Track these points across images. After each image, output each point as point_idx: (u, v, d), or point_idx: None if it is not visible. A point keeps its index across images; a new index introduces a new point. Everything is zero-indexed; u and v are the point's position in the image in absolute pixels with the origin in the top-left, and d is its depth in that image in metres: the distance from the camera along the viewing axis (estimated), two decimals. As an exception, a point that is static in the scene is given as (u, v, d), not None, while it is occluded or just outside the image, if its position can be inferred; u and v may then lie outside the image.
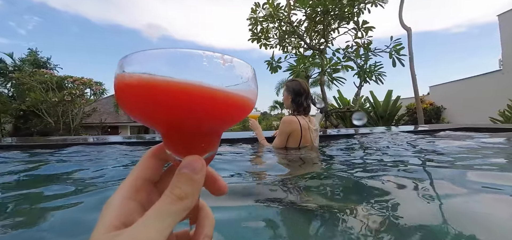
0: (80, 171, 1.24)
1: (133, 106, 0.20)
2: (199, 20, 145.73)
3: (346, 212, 0.66)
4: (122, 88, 0.19)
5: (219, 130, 0.23)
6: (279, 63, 5.93)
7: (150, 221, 0.17)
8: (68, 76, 9.55)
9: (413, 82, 8.19)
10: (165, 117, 0.19)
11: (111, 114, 13.71)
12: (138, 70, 0.18)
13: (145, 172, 0.22)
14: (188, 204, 0.19)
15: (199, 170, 0.20)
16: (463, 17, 56.57)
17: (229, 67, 0.19)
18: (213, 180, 0.24)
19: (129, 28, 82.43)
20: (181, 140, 0.21)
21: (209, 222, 0.24)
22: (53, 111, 9.30)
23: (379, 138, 2.45)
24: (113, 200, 0.20)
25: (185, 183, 0.19)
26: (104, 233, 0.17)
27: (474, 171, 1.05)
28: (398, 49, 5.20)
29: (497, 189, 0.82)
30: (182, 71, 0.18)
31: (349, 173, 1.14)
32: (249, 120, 2.06)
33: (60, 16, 48.56)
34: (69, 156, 1.76)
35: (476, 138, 2.00)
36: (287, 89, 1.86)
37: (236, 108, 0.20)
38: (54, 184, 1.04)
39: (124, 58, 0.19)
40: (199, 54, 0.18)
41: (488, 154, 1.41)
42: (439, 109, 10.11)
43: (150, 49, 0.18)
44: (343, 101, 8.99)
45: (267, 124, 20.28)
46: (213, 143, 0.23)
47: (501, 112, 6.18)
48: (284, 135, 1.73)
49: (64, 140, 2.72)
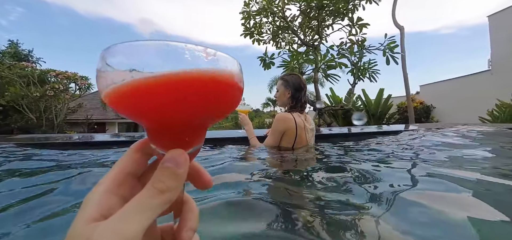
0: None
1: (116, 103, 0.19)
2: (193, 17, 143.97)
3: (347, 227, 0.54)
4: (104, 84, 0.18)
5: (204, 123, 0.22)
6: (272, 60, 5.79)
7: (130, 213, 0.17)
8: (50, 70, 9.06)
9: (405, 81, 8.26)
10: (149, 113, 0.19)
11: (98, 110, 13.19)
12: (120, 63, 0.18)
13: (129, 166, 0.22)
14: (170, 198, 0.19)
15: (182, 164, 0.20)
16: (452, 19, 58.14)
17: (212, 60, 0.19)
18: (198, 175, 0.24)
19: (121, 23, 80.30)
20: (165, 134, 0.21)
21: (193, 216, 0.23)
22: (34, 106, 8.84)
23: (387, 138, 2.36)
24: (93, 194, 0.19)
25: (168, 177, 0.19)
26: (83, 225, 0.17)
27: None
28: (392, 47, 5.16)
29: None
30: (165, 64, 0.17)
31: (348, 176, 1.01)
32: (238, 115, 1.87)
33: (47, 8, 46.66)
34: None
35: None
36: (285, 83, 1.67)
37: (221, 96, 0.20)
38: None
39: (106, 50, 0.18)
40: (182, 47, 0.18)
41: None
42: (429, 108, 10.27)
43: (132, 41, 0.18)
44: (335, 99, 8.98)
45: (260, 121, 20.16)
46: (198, 137, 0.22)
47: (490, 112, 6.28)
48: (277, 133, 1.58)
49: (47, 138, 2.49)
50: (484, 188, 0.83)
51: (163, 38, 0.20)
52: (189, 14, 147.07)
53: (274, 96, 1.79)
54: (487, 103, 6.49)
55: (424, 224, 0.57)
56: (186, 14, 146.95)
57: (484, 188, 0.83)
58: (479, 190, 0.80)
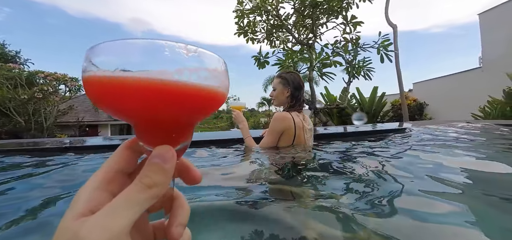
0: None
1: (102, 101, 0.19)
2: (186, 16, 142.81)
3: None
4: (90, 84, 0.19)
5: (191, 121, 0.23)
6: (266, 59, 5.73)
7: (117, 208, 0.18)
8: (39, 71, 8.79)
9: (399, 79, 8.33)
10: (132, 111, 0.19)
11: (90, 112, 12.89)
12: (105, 62, 0.18)
13: (119, 164, 0.22)
14: (157, 193, 0.19)
15: (169, 159, 0.20)
16: (442, 18, 59.22)
17: (193, 57, 0.19)
18: (187, 170, 0.24)
19: (111, 22, 79.02)
20: (152, 131, 0.21)
21: (183, 211, 0.24)
22: (23, 109, 8.57)
23: (386, 137, 2.32)
24: (83, 190, 0.19)
25: (155, 172, 0.19)
26: (71, 221, 0.17)
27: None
28: (386, 45, 5.16)
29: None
30: (149, 62, 0.18)
31: (349, 179, 0.96)
32: (232, 112, 1.69)
33: (35, 8, 45.49)
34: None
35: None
36: (284, 81, 1.57)
37: (203, 98, 0.20)
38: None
39: (90, 49, 0.19)
40: (162, 44, 0.18)
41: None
42: (422, 105, 10.38)
43: (116, 40, 0.18)
44: (330, 98, 8.98)
45: (255, 120, 20.06)
46: (185, 134, 0.23)
47: (482, 108, 6.37)
48: (275, 134, 1.49)
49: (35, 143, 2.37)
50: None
51: (155, 38, 0.18)
52: (183, 13, 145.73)
53: (270, 95, 1.69)
54: (478, 100, 6.58)
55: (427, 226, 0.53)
56: (180, 13, 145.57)
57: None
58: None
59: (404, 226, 0.55)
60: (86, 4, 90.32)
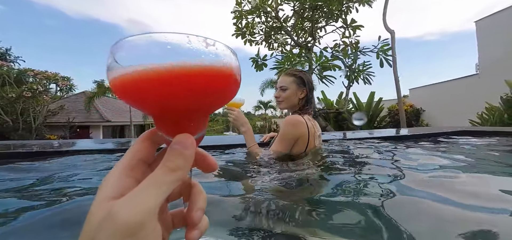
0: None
1: (126, 97, 0.21)
2: (184, 18, 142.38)
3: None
4: (113, 80, 0.20)
5: (207, 109, 0.24)
6: (264, 61, 5.61)
7: (148, 188, 0.19)
8: (28, 69, 8.50)
9: (396, 84, 8.28)
10: (155, 103, 0.20)
11: (81, 112, 12.54)
12: (127, 58, 0.19)
13: (139, 153, 0.23)
14: (180, 176, 0.20)
15: (189, 145, 0.21)
16: (438, 26, 60.36)
17: (211, 51, 0.20)
18: (203, 158, 0.25)
19: (108, 23, 78.20)
20: (172, 122, 0.22)
21: (201, 197, 0.25)
22: (10, 108, 8.25)
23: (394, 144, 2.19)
24: (110, 176, 0.21)
25: (177, 157, 0.21)
26: (105, 201, 0.19)
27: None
28: (385, 49, 5.10)
29: None
30: (168, 56, 0.19)
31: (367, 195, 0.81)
32: (229, 115, 1.33)
33: (29, 6, 44.64)
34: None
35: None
36: (299, 81, 1.34)
37: (221, 78, 0.21)
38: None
39: (114, 45, 0.20)
40: (183, 39, 0.19)
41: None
42: (419, 111, 10.39)
43: (134, 35, 0.19)
44: (326, 102, 8.91)
45: (251, 124, 19.85)
46: (200, 123, 0.24)
47: (479, 115, 6.35)
48: (288, 141, 1.24)
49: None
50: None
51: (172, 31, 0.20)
52: (181, 14, 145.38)
53: (275, 96, 1.42)
54: (475, 107, 6.56)
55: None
56: (178, 15, 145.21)
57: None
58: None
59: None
60: (83, 5, 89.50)
